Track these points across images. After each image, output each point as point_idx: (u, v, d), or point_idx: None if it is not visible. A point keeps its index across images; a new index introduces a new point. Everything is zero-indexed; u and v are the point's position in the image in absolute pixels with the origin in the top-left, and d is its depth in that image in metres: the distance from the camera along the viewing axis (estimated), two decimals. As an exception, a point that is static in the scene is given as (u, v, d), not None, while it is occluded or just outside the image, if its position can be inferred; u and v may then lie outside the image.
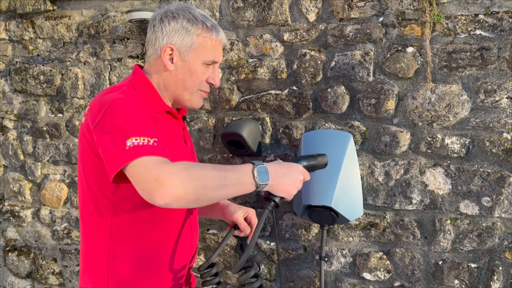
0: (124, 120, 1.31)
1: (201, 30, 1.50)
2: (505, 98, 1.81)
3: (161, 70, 1.53)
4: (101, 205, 1.46)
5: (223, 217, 1.70)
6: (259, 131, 2.19)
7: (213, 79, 1.55)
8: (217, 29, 1.53)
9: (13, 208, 2.84)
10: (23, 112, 2.72)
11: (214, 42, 1.52)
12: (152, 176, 1.20)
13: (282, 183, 1.35)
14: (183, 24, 1.49)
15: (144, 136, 1.28)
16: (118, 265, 1.47)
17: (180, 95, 1.55)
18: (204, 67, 1.53)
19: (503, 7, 1.80)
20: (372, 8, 1.98)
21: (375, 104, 1.98)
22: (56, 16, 2.60)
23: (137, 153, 1.24)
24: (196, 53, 1.50)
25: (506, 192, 1.83)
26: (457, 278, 1.92)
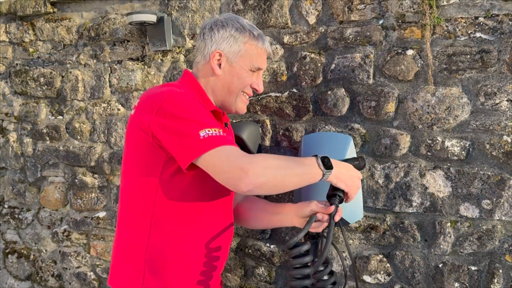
0: (189, 112, 1.41)
1: (248, 38, 1.62)
2: (505, 100, 1.81)
3: (208, 74, 1.64)
4: (145, 193, 1.52)
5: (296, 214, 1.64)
6: (259, 134, 2.19)
7: (257, 84, 1.67)
8: (263, 38, 1.66)
9: (13, 210, 2.84)
10: (23, 114, 2.72)
11: (259, 50, 1.64)
12: (237, 166, 1.33)
13: (343, 173, 1.47)
14: (231, 32, 1.61)
15: (215, 127, 1.40)
16: (156, 252, 1.52)
17: (225, 98, 1.65)
18: (249, 72, 1.64)
19: (503, 10, 1.80)
20: (372, 10, 1.98)
21: (375, 107, 1.98)
22: (56, 19, 2.60)
23: (214, 143, 1.36)
24: (243, 59, 1.62)
25: (506, 194, 1.83)
26: (457, 281, 1.91)
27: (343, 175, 1.47)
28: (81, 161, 2.59)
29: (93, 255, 2.64)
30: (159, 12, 2.29)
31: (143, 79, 2.43)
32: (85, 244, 2.66)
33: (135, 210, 1.55)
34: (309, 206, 1.57)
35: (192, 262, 1.55)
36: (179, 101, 1.43)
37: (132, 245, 1.54)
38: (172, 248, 1.52)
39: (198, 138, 1.36)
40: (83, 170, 2.61)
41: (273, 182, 1.38)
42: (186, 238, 1.53)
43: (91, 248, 2.63)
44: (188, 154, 1.37)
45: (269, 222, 1.79)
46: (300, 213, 1.62)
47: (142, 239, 1.52)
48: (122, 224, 1.59)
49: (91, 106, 2.55)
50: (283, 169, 1.38)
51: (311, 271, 1.41)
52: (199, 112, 1.43)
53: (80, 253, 2.67)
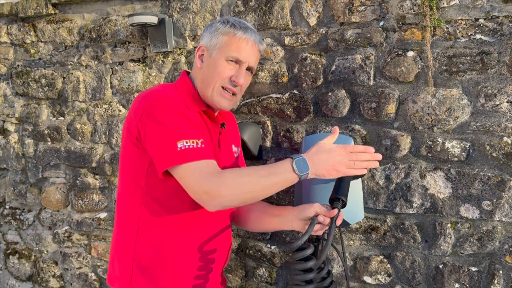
0: (171, 119, 1.43)
1: (228, 29, 1.59)
2: (505, 102, 1.81)
3: (195, 69, 1.66)
4: (133, 194, 1.56)
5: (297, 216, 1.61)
6: (260, 135, 2.19)
7: (236, 76, 1.60)
8: (246, 29, 1.60)
9: (14, 211, 2.85)
10: (25, 115, 2.73)
11: (238, 39, 1.58)
12: (202, 190, 1.37)
13: (325, 168, 1.44)
14: (216, 26, 1.61)
15: (193, 138, 1.41)
16: (143, 252, 1.55)
17: (205, 92, 1.62)
18: (226, 63, 1.59)
19: (503, 12, 1.81)
20: (372, 12, 1.98)
21: (376, 108, 1.99)
22: (57, 20, 2.61)
23: (188, 157, 1.38)
24: (220, 50, 1.58)
25: (506, 196, 1.83)
26: (457, 281, 1.92)
27: (323, 169, 1.44)
28: (82, 162, 2.59)
29: (94, 256, 2.64)
30: (160, 14, 2.30)
31: (144, 81, 2.43)
32: (86, 245, 2.66)
33: (125, 210, 1.59)
34: (312, 207, 1.56)
35: (184, 262, 1.56)
36: (164, 106, 1.45)
37: (123, 244, 1.59)
38: (160, 248, 1.54)
39: (175, 149, 1.38)
40: (84, 171, 2.61)
41: (240, 200, 1.42)
42: (175, 238, 1.54)
43: (92, 249, 2.64)
44: (163, 162, 1.40)
45: (269, 224, 1.77)
46: (301, 215, 1.59)
47: (131, 239, 1.56)
48: (115, 224, 1.64)
49: (92, 107, 2.56)
50: (253, 185, 1.39)
51: (314, 276, 1.40)
52: (181, 120, 1.44)
53: (81, 254, 2.67)
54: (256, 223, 1.81)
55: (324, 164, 1.43)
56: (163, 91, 1.52)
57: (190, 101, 1.57)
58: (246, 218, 1.83)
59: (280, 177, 1.40)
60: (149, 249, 1.54)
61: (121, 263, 1.58)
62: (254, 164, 2.23)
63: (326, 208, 1.54)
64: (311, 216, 1.56)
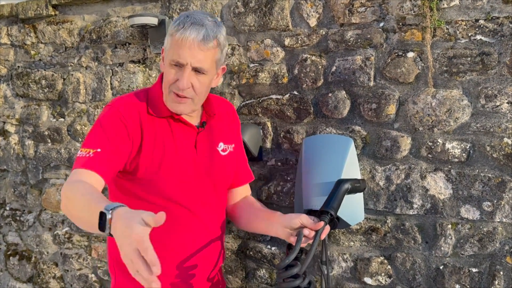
0: (91, 130, 1.49)
1: (172, 29, 1.50)
2: (505, 103, 1.81)
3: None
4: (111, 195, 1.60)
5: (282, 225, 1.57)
6: (260, 136, 2.19)
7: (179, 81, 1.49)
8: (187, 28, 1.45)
9: (14, 212, 2.85)
10: (25, 117, 2.73)
11: (177, 40, 1.46)
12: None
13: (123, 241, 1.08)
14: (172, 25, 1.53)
15: (89, 148, 1.42)
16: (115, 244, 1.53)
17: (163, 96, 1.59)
18: (171, 67, 1.51)
19: (503, 13, 1.81)
20: (372, 13, 1.98)
21: (376, 109, 1.99)
22: (58, 21, 2.61)
23: (76, 164, 1.40)
24: (167, 53, 1.52)
25: (507, 197, 1.83)
26: (458, 282, 1.92)
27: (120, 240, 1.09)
28: (82, 163, 2.59)
29: (95, 257, 2.64)
30: (160, 15, 2.30)
31: (144, 82, 2.43)
32: (86, 246, 2.66)
33: None
34: (299, 218, 1.51)
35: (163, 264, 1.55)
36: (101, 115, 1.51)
37: (107, 246, 1.64)
38: None
39: (76, 155, 1.44)
40: (85, 172, 2.61)
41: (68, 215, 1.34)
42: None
43: (93, 250, 2.64)
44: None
45: (257, 227, 1.76)
46: (287, 224, 1.55)
47: (111, 242, 1.59)
48: None
49: (93, 109, 2.56)
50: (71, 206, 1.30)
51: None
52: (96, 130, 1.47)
53: (82, 255, 2.67)
54: (247, 223, 1.80)
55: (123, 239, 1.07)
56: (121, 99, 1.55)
57: (156, 107, 1.56)
58: (238, 216, 1.83)
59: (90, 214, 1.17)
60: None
61: (109, 265, 1.63)
62: (254, 165, 2.23)
63: (312, 220, 1.50)
64: (296, 226, 1.52)
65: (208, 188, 1.67)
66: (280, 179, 2.18)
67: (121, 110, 1.50)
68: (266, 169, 2.21)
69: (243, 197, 1.86)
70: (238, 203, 1.84)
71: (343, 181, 1.70)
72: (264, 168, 2.22)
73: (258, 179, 2.23)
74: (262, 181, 2.23)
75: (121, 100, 1.55)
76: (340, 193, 1.64)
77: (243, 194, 1.87)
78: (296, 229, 1.53)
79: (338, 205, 1.61)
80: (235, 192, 1.84)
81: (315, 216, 1.57)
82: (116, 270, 1.59)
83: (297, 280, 1.40)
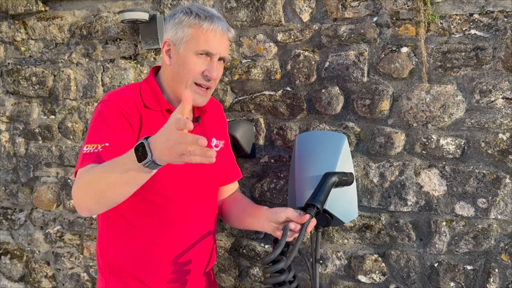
0: (93, 125, 1.43)
1: (193, 20, 1.49)
2: (500, 98, 1.79)
3: (163, 66, 1.58)
4: None
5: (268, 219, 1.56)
6: (253, 133, 2.16)
7: (209, 71, 1.51)
8: (213, 19, 1.50)
9: (5, 211, 2.81)
10: (15, 114, 2.69)
11: (205, 31, 1.49)
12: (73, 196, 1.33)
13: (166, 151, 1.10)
14: (179, 17, 1.51)
15: (95, 143, 1.36)
16: (111, 252, 1.55)
17: (176, 89, 1.56)
18: (196, 58, 1.50)
19: (498, 7, 1.78)
20: (366, 8, 1.96)
21: (370, 105, 1.96)
22: (48, 17, 2.58)
23: (84, 161, 1.34)
24: (188, 44, 1.50)
25: (501, 193, 1.81)
26: (453, 280, 1.90)
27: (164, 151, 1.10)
28: (73, 161, 2.56)
29: (87, 256, 2.61)
30: (151, 10, 2.27)
31: (136, 78, 2.40)
32: (78, 245, 2.63)
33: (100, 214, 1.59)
34: (285, 211, 1.50)
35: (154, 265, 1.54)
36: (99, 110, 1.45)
37: (97, 246, 1.61)
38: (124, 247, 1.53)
39: (82, 153, 1.37)
40: (76, 170, 2.58)
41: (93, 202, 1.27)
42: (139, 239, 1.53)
43: (85, 249, 2.61)
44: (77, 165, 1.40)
45: (245, 223, 1.74)
46: (272, 218, 1.53)
47: (100, 241, 1.57)
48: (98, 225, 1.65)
49: (84, 105, 2.53)
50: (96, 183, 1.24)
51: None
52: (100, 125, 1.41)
53: (73, 254, 2.64)
54: (236, 220, 1.79)
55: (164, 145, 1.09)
56: (114, 93, 1.50)
57: (152, 101, 1.52)
58: (227, 213, 1.81)
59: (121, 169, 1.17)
60: (117, 248, 1.54)
61: (98, 265, 1.60)
62: (247, 162, 2.20)
63: (298, 214, 1.48)
64: (281, 220, 1.51)
65: (203, 185, 1.65)
66: (273, 176, 2.16)
67: (120, 103, 1.45)
68: (259, 166, 2.19)
69: (231, 194, 1.84)
70: (227, 200, 1.83)
71: (330, 174, 1.69)
72: (257, 165, 2.19)
73: (251, 176, 2.21)
74: (255, 178, 2.20)
75: (116, 94, 1.50)
76: (327, 186, 1.62)
77: (232, 191, 1.85)
78: (282, 223, 1.52)
79: (325, 198, 1.59)
80: (225, 190, 1.83)
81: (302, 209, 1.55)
82: (106, 272, 1.56)
83: (282, 275, 1.39)
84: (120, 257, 1.54)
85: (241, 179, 2.21)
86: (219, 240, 2.29)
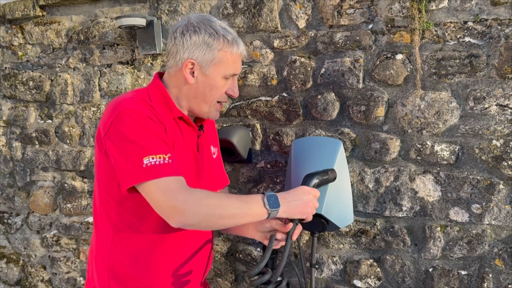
0: (136, 134, 1.37)
1: (223, 45, 1.51)
2: (494, 105, 1.81)
3: (181, 82, 1.55)
4: (107, 204, 1.52)
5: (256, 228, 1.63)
6: (249, 138, 2.18)
7: (232, 90, 1.59)
8: (238, 42, 1.55)
9: (2, 215, 2.81)
10: (12, 118, 2.70)
11: (234, 56, 1.54)
12: (170, 204, 1.33)
13: (295, 206, 1.43)
14: (204, 38, 1.50)
15: (160, 153, 1.36)
16: (118, 261, 1.53)
17: (199, 107, 1.58)
18: (224, 80, 1.56)
19: (491, 15, 1.81)
20: (361, 15, 1.97)
21: (365, 111, 1.98)
22: (45, 22, 2.58)
23: (154, 173, 1.33)
24: (217, 68, 1.52)
25: (495, 199, 1.83)
26: (447, 285, 1.91)
27: (293, 207, 1.44)
28: (70, 165, 2.57)
29: (83, 260, 2.61)
30: (148, 16, 2.28)
31: (132, 83, 2.41)
32: (74, 249, 2.63)
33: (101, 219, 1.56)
34: (269, 222, 1.56)
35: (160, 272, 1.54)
36: (129, 119, 1.38)
37: (99, 254, 1.57)
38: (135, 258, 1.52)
39: (141, 166, 1.33)
40: (73, 174, 2.59)
41: (205, 222, 1.38)
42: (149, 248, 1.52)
43: (81, 253, 2.61)
44: (128, 179, 1.35)
45: (234, 230, 1.75)
46: (259, 227, 1.60)
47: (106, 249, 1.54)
48: (94, 232, 1.62)
49: (81, 110, 2.53)
50: (220, 210, 1.36)
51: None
52: (147, 134, 1.38)
53: (70, 258, 2.65)
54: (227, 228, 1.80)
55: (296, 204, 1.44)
56: (132, 101, 1.44)
57: (164, 108, 1.52)
58: None
59: (249, 209, 1.38)
60: (123, 259, 1.52)
61: (99, 273, 1.56)
62: (243, 167, 2.22)
63: (283, 222, 1.54)
64: (267, 230, 1.58)
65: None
66: (270, 181, 2.17)
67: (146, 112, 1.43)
68: (256, 171, 2.20)
69: None
70: None
71: (310, 176, 1.63)
72: (253, 170, 2.20)
73: (247, 181, 2.22)
74: (252, 183, 2.21)
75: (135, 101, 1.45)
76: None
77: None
78: (268, 232, 1.59)
79: None
80: None
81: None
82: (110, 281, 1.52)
83: (269, 286, 1.41)
84: (126, 264, 1.52)
85: (238, 184, 2.23)
86: (216, 245, 2.30)
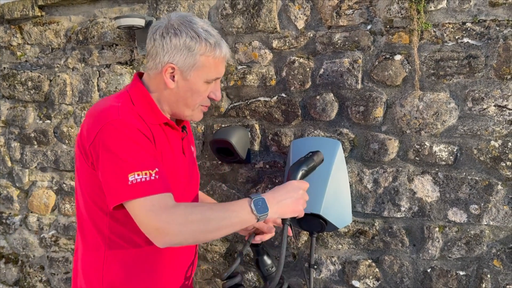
0: (122, 148, 1.31)
1: (205, 49, 1.44)
2: (492, 106, 1.81)
3: (161, 86, 1.49)
4: (95, 215, 1.46)
5: None
6: (248, 138, 2.18)
7: (215, 94, 1.53)
8: (220, 44, 1.48)
9: (0, 215, 2.81)
10: (11, 118, 2.70)
11: (217, 60, 1.48)
12: (153, 226, 1.28)
13: (285, 205, 1.38)
14: (186, 42, 1.43)
15: (146, 169, 1.30)
16: (112, 271, 1.49)
17: (181, 111, 1.53)
18: (206, 85, 1.50)
19: (490, 16, 1.81)
20: (360, 16, 1.98)
21: (364, 112, 1.98)
22: (44, 22, 2.58)
23: (140, 191, 1.28)
24: (198, 72, 1.46)
25: (494, 199, 1.83)
26: (445, 286, 1.91)
27: (284, 207, 1.38)
28: (69, 165, 2.57)
29: (82, 261, 2.61)
30: (147, 16, 2.28)
31: (131, 83, 2.41)
32: (73, 250, 2.63)
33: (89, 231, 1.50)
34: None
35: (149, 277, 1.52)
36: (116, 132, 1.33)
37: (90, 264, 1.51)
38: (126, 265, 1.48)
39: (126, 183, 1.28)
40: (71, 174, 2.59)
41: (192, 239, 1.34)
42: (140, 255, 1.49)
43: (79, 254, 2.61)
44: (113, 197, 1.31)
45: None
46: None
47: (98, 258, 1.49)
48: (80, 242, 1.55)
49: (79, 110, 2.53)
50: (205, 225, 1.31)
51: None
52: (134, 148, 1.33)
53: (68, 259, 2.64)
54: None
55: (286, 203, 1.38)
56: (118, 110, 1.38)
57: (149, 113, 1.47)
58: None
59: (236, 217, 1.32)
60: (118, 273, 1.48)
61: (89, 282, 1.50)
62: (242, 168, 2.22)
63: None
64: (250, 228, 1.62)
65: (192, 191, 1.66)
66: (268, 182, 2.17)
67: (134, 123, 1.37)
68: (254, 172, 2.20)
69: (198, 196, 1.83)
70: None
71: (296, 167, 1.53)
72: (252, 171, 2.21)
73: (246, 182, 2.22)
74: (250, 184, 2.21)
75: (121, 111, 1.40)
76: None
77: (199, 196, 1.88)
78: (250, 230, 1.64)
79: None
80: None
81: None
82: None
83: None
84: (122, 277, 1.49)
85: (236, 185, 2.23)
86: (214, 245, 2.30)
